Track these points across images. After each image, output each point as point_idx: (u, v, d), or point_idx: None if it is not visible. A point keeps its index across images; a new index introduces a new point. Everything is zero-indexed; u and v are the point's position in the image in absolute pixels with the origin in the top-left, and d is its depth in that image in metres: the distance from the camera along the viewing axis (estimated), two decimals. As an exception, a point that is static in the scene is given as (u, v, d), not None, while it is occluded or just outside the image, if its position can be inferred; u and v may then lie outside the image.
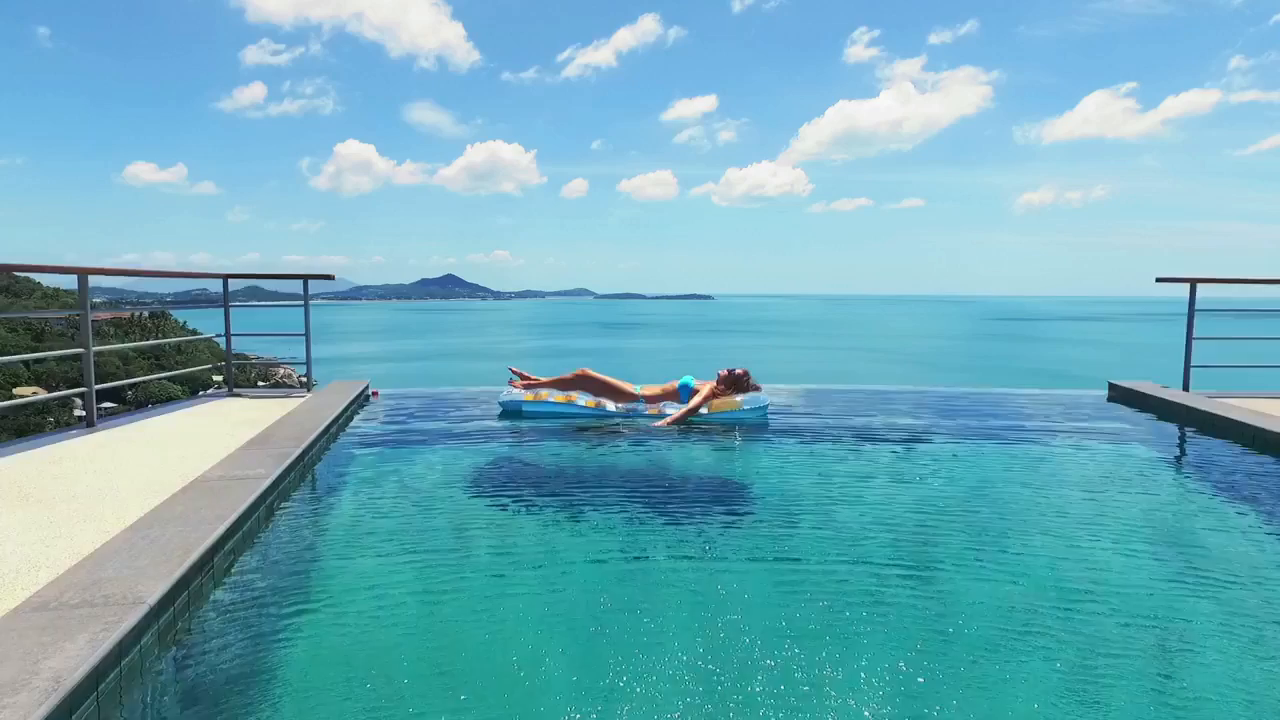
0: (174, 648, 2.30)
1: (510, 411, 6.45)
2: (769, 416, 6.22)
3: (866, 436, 5.59)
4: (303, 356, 7.43)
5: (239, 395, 7.03)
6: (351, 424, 5.92)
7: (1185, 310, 7.12)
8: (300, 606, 2.69)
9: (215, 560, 2.74)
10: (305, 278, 7.32)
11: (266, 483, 3.51)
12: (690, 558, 3.31)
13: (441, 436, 5.55)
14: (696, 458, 5.13)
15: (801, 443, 5.39)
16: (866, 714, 2.10)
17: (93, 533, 2.88)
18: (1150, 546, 3.49)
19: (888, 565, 3.20)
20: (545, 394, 6.49)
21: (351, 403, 6.25)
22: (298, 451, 4.21)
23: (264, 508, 3.44)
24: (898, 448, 5.26)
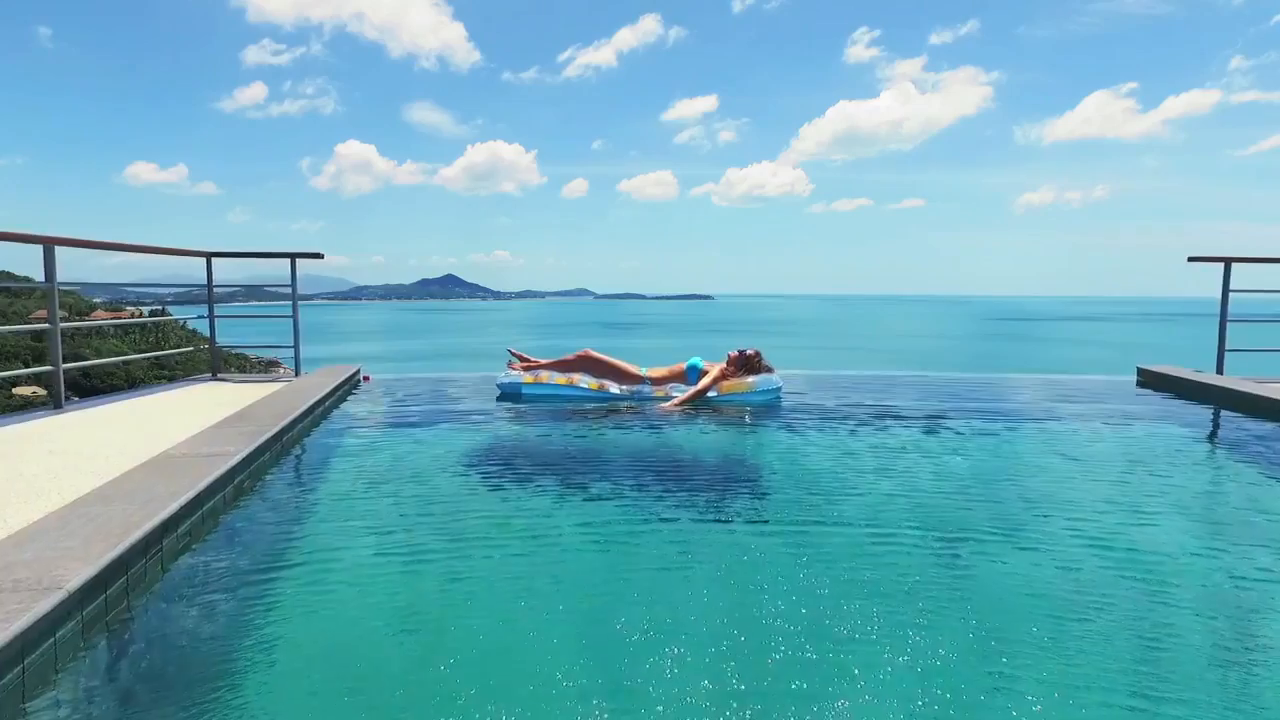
0: (104, 640, 1.94)
1: (509, 394, 6.09)
2: (781, 399, 5.86)
3: (885, 419, 5.23)
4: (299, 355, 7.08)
5: (223, 380, 6.67)
6: (340, 407, 5.55)
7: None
8: (263, 595, 2.32)
9: (165, 542, 2.37)
10: (293, 256, 6.95)
11: (235, 460, 3.15)
12: (699, 547, 2.96)
13: (434, 419, 5.19)
14: (705, 442, 4.76)
15: (817, 426, 5.02)
16: (897, 713, 1.75)
17: (30, 512, 2.51)
18: (1208, 535, 3.13)
19: (914, 551, 2.84)
20: (545, 376, 6.13)
21: (340, 386, 5.89)
22: (274, 430, 3.85)
23: (232, 487, 3.08)
24: (919, 430, 4.90)
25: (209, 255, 7.02)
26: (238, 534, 2.83)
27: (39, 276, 5.01)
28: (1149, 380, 6.89)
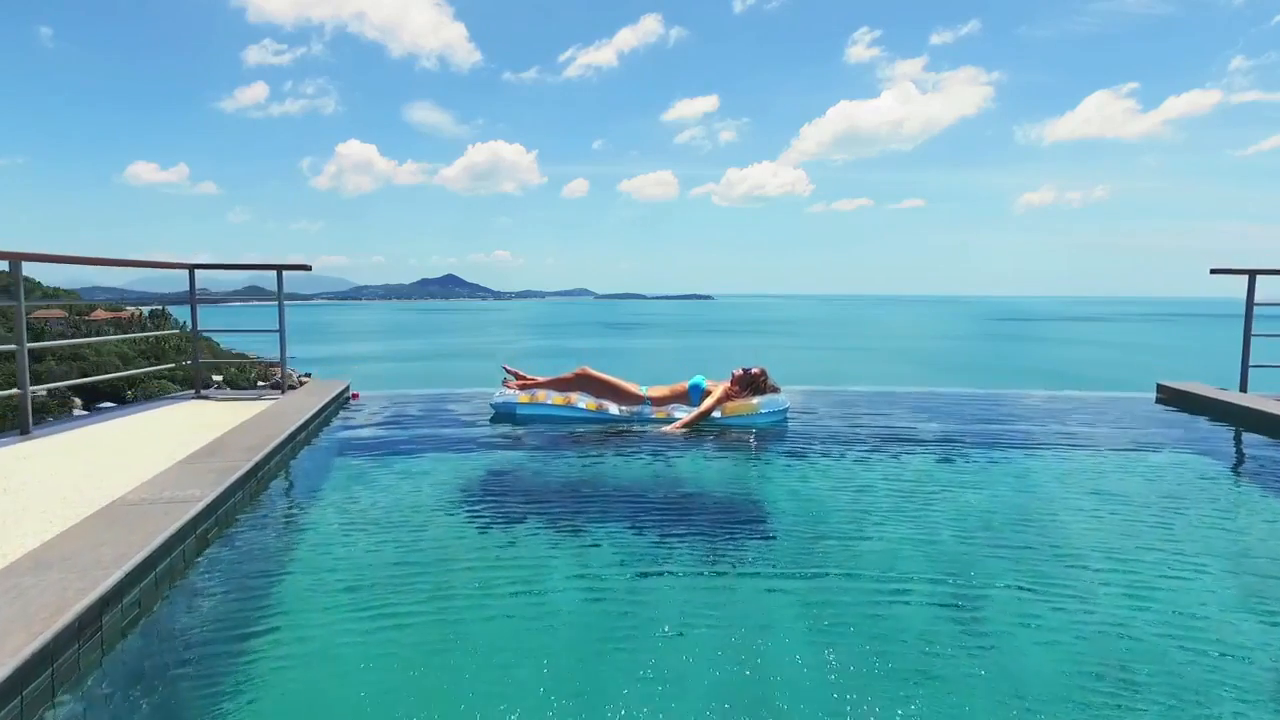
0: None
1: (503, 415, 5.82)
2: (788, 420, 5.60)
3: (894, 443, 4.97)
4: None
5: (206, 398, 6.40)
6: (325, 430, 5.29)
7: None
8: (223, 674, 2.06)
9: (107, 619, 2.11)
10: (279, 268, 6.69)
11: (198, 507, 2.88)
12: (701, 585, 2.77)
13: (424, 444, 4.92)
14: (709, 474, 4.50)
15: (823, 452, 4.77)
16: None
17: (-41, 577, 2.25)
18: (1245, 582, 2.87)
19: (931, 610, 2.59)
20: (542, 395, 5.87)
21: (326, 406, 5.62)
22: (248, 465, 3.58)
23: (194, 538, 2.81)
24: (930, 456, 4.64)
25: (191, 267, 6.76)
26: (197, 598, 2.57)
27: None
28: (1169, 398, 6.62)
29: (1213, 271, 6.69)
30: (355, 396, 6.66)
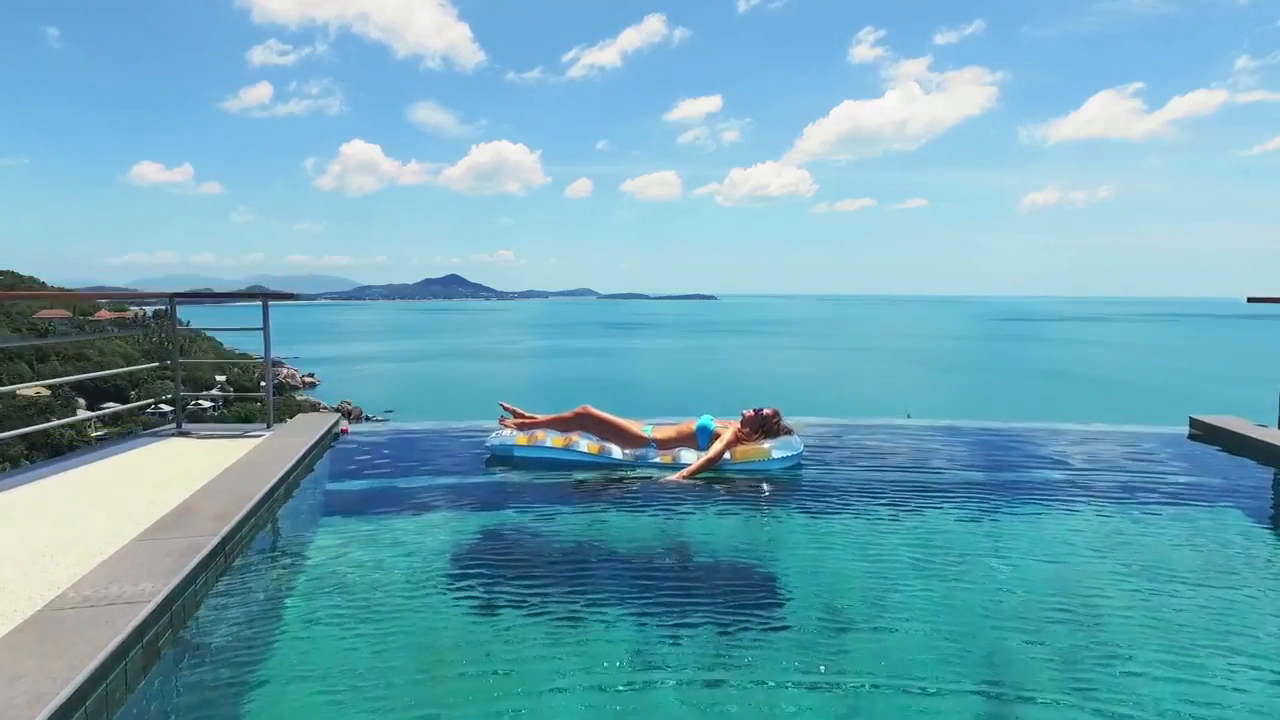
0: None
1: (500, 457, 5.49)
2: (802, 464, 5.25)
3: (914, 494, 4.66)
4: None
5: (187, 434, 6.08)
6: (308, 477, 4.95)
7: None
8: None
9: (14, 785, 1.78)
10: (265, 298, 6.38)
11: (148, 609, 2.55)
12: (709, 676, 2.53)
13: (413, 499, 4.55)
14: (719, 530, 4.17)
15: (841, 504, 4.45)
16: None
17: None
18: None
19: (960, 707, 2.27)
20: (541, 435, 5.53)
21: (311, 449, 5.28)
22: (215, 540, 3.25)
23: (140, 649, 2.48)
24: (953, 516, 4.28)
25: (172, 296, 6.45)
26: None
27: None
28: (1203, 434, 6.26)
29: (1250, 300, 6.34)
30: (345, 430, 6.33)
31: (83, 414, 42.08)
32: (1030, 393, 68.65)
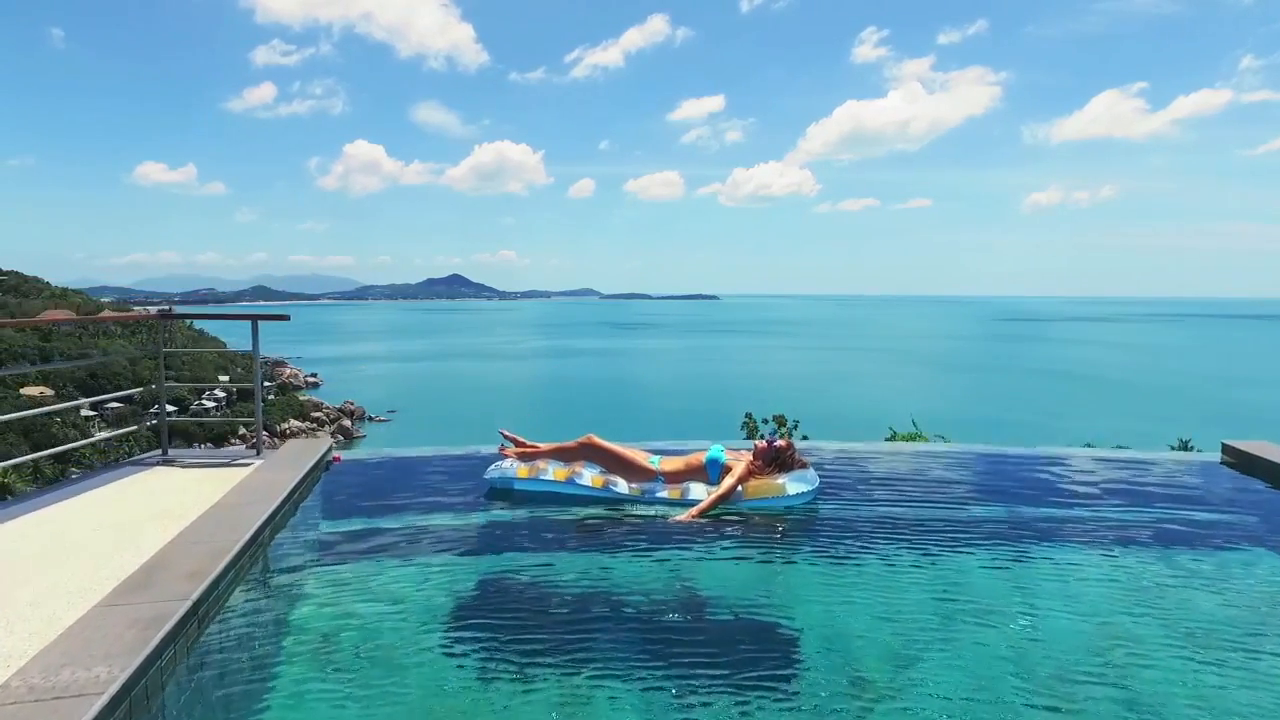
0: None
1: (500, 490, 5.22)
2: (818, 500, 4.98)
3: (934, 533, 4.42)
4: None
5: (171, 462, 5.81)
6: (294, 517, 4.68)
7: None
8: None
9: None
10: (255, 319, 6.11)
11: (101, 702, 2.28)
12: None
13: (406, 541, 4.27)
14: (733, 579, 3.90)
15: (854, 548, 4.18)
16: None
17: None
18: None
19: None
20: (543, 465, 5.26)
21: (300, 483, 5.02)
22: (186, 606, 2.98)
23: (91, 751, 2.21)
24: (975, 561, 4.04)
25: (161, 316, 6.20)
26: None
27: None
28: (1237, 461, 5.98)
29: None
30: (337, 459, 6.07)
31: (66, 446, 41.79)
32: (1035, 394, 68.24)
